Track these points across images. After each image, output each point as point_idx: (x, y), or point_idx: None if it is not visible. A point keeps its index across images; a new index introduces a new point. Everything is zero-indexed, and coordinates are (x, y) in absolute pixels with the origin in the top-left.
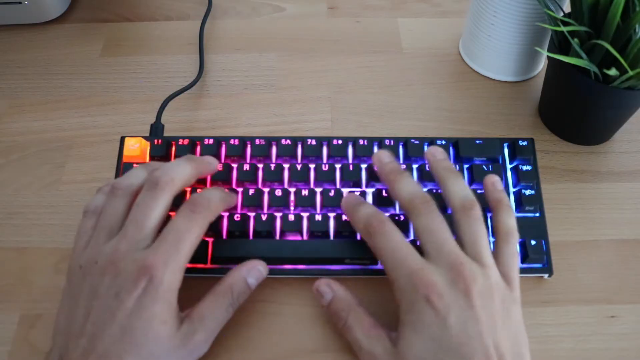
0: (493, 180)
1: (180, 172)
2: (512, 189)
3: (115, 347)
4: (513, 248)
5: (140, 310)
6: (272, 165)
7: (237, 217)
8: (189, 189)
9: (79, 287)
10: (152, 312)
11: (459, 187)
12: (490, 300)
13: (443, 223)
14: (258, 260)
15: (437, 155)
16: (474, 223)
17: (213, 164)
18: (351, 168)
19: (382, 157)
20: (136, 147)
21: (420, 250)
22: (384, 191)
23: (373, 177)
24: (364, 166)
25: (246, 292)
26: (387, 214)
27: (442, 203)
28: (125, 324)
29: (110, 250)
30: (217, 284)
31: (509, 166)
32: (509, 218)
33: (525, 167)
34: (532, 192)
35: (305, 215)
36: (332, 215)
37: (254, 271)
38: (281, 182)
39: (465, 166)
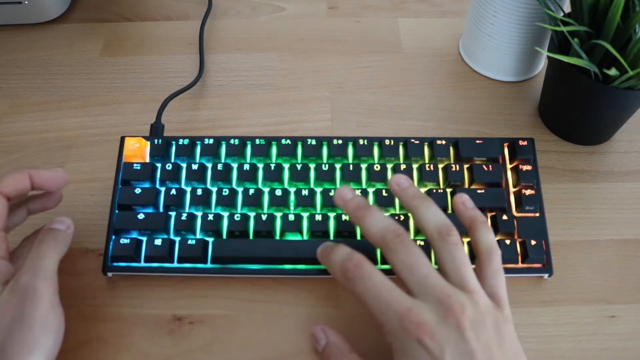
0: (462, 200)
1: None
2: (512, 189)
3: None
4: (496, 265)
5: None
6: (272, 165)
7: (237, 217)
8: None
9: None
10: None
11: (432, 213)
12: (483, 328)
13: (420, 255)
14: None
15: (401, 184)
16: (454, 249)
17: (56, 176)
18: (351, 168)
19: (344, 193)
20: (136, 147)
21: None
22: (384, 191)
23: (373, 177)
24: (364, 166)
25: (53, 231)
26: (387, 214)
27: (441, 203)
28: None
29: None
30: None
31: (509, 166)
32: (487, 234)
33: (525, 167)
34: (532, 192)
35: (305, 215)
36: (332, 215)
37: (53, 221)
38: (281, 182)
39: (465, 166)
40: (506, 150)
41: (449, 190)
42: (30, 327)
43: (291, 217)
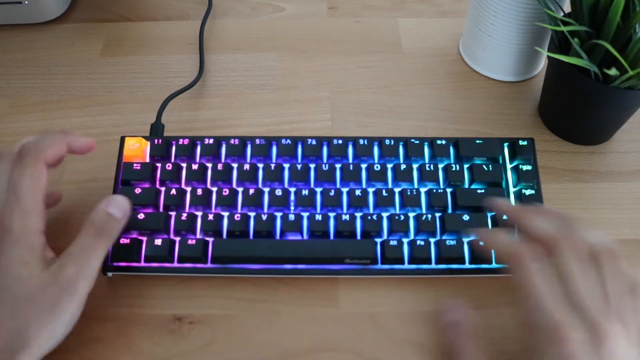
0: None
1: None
2: (512, 189)
3: None
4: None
5: (1, 258)
6: (272, 165)
7: (237, 217)
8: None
9: None
10: (10, 256)
11: (591, 232)
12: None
13: (581, 270)
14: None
15: (505, 208)
16: (611, 273)
17: (87, 143)
18: (351, 168)
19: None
20: (136, 147)
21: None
22: (384, 191)
23: (373, 177)
24: (364, 166)
25: (111, 221)
26: (387, 214)
27: (442, 202)
28: None
29: None
30: None
31: (509, 166)
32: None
33: (525, 167)
34: (532, 192)
35: (305, 215)
36: (332, 215)
37: (112, 202)
38: (281, 182)
39: (466, 166)
40: (506, 150)
41: (449, 190)
42: (58, 319)
43: (291, 217)
